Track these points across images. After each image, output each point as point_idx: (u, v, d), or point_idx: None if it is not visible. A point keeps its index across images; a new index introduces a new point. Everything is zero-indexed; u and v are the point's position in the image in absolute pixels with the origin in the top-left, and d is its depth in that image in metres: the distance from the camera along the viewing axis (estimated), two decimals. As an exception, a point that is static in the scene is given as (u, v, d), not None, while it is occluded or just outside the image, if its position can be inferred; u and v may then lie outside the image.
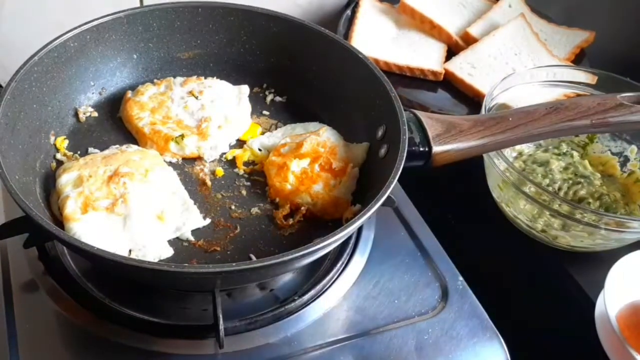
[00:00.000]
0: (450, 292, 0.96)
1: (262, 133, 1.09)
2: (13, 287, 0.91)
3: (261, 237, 0.93)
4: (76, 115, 1.06)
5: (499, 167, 1.06)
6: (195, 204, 0.95)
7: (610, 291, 0.93)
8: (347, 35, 1.42)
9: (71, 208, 0.87)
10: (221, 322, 0.83)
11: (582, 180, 1.14)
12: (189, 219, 0.92)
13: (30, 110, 0.95)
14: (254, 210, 0.97)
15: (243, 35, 1.14)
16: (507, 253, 1.20)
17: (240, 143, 1.08)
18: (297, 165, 0.98)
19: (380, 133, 0.99)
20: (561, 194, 1.12)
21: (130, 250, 0.87)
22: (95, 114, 1.08)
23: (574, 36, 1.48)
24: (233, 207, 0.97)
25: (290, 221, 0.95)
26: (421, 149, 0.91)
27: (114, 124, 1.07)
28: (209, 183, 1.00)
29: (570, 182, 1.14)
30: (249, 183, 1.01)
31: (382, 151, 0.97)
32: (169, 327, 0.87)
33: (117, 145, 1.02)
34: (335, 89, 1.09)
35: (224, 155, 1.05)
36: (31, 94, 0.95)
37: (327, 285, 0.95)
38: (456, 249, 1.01)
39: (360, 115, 1.05)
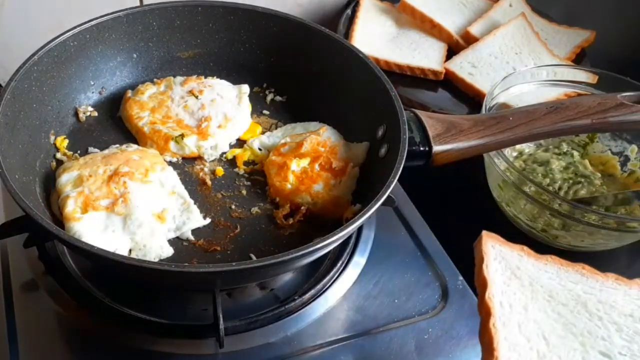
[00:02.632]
0: (450, 292, 0.96)
1: (262, 132, 1.09)
2: (13, 287, 0.91)
3: (261, 236, 0.93)
4: (76, 114, 1.06)
5: (499, 167, 1.06)
6: (195, 203, 0.95)
7: None
8: (347, 34, 1.41)
9: (71, 207, 0.87)
10: (221, 321, 0.83)
11: (582, 179, 1.14)
12: (189, 219, 0.92)
13: (30, 110, 0.95)
14: (254, 209, 0.97)
15: (243, 35, 1.14)
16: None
17: (240, 142, 1.08)
18: (297, 165, 0.98)
19: (380, 132, 0.99)
20: (561, 193, 1.12)
21: (130, 250, 0.87)
22: (95, 114, 1.08)
23: (574, 36, 1.48)
24: (233, 206, 0.97)
25: (291, 221, 0.95)
26: (421, 148, 0.91)
27: (113, 124, 1.07)
28: (209, 182, 1.00)
29: (571, 181, 1.14)
30: (249, 183, 1.01)
31: (383, 151, 0.97)
32: (169, 327, 0.87)
33: (117, 145, 1.02)
34: (335, 88, 1.09)
35: (224, 155, 1.05)
36: (31, 93, 0.95)
37: (327, 285, 0.95)
38: (456, 249, 1.01)
39: (360, 114, 1.05)
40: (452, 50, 1.43)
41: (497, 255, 0.59)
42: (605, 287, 0.61)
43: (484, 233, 0.60)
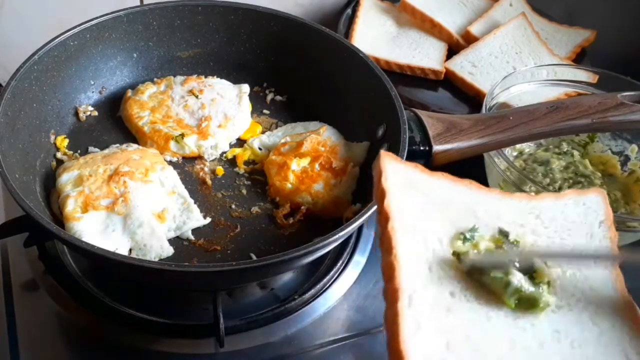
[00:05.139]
0: (450, 292, 0.95)
1: (263, 132, 1.09)
2: (13, 287, 0.91)
3: (261, 236, 0.93)
4: (76, 114, 1.06)
5: (499, 166, 1.06)
6: (195, 203, 0.95)
7: None
8: (347, 34, 1.41)
9: (71, 207, 0.88)
10: (221, 321, 0.83)
11: (582, 179, 1.13)
12: (190, 218, 0.92)
13: (30, 109, 0.95)
14: (254, 209, 0.97)
15: (243, 34, 1.14)
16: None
17: (240, 142, 1.08)
18: (297, 165, 0.98)
19: (380, 132, 0.99)
20: (562, 193, 1.12)
21: (130, 250, 0.87)
22: (96, 113, 1.08)
23: (575, 35, 1.48)
24: (233, 206, 0.97)
25: (291, 220, 0.95)
26: (421, 148, 0.91)
27: (114, 123, 1.07)
28: (209, 182, 1.00)
29: (571, 181, 1.13)
30: (249, 182, 1.01)
31: (383, 150, 0.96)
32: (169, 327, 0.87)
33: (117, 145, 1.02)
34: (335, 88, 1.09)
35: (224, 155, 1.05)
36: (31, 93, 0.95)
37: (328, 285, 0.95)
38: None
39: (360, 114, 1.05)
40: (453, 49, 1.43)
41: (394, 170, 0.64)
42: (491, 199, 0.68)
43: (382, 152, 0.64)
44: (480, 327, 0.58)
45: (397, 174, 0.63)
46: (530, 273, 0.61)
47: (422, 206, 0.63)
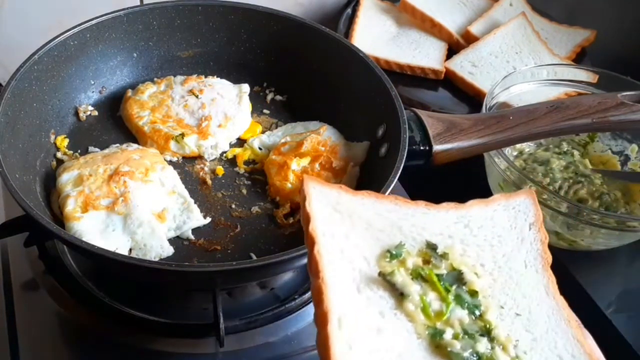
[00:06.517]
0: (450, 291, 0.95)
1: (263, 132, 1.09)
2: (13, 286, 0.91)
3: (261, 236, 0.93)
4: (76, 114, 1.06)
5: (499, 166, 1.06)
6: (195, 202, 0.95)
7: None
8: (347, 33, 1.41)
9: (71, 207, 0.88)
10: (222, 320, 0.83)
11: (582, 179, 1.13)
12: (190, 218, 0.92)
13: (31, 109, 0.95)
14: (255, 209, 0.97)
15: (243, 34, 1.14)
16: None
17: (240, 142, 1.08)
18: (297, 164, 0.98)
19: (380, 132, 0.99)
20: (562, 193, 1.12)
21: (130, 249, 0.87)
22: (96, 113, 1.08)
23: (575, 35, 1.48)
24: (233, 206, 0.97)
25: (291, 220, 0.95)
26: (422, 147, 0.91)
27: (114, 123, 1.08)
28: (209, 182, 1.00)
29: (571, 181, 1.13)
30: (249, 182, 1.01)
31: (383, 150, 0.97)
32: (169, 326, 0.87)
33: (118, 144, 1.02)
34: (335, 87, 1.09)
35: (224, 154, 1.05)
36: (31, 92, 0.95)
37: (328, 284, 0.95)
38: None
39: (360, 114, 1.05)
40: (453, 49, 1.43)
41: (318, 194, 0.64)
42: (417, 212, 0.67)
43: (305, 177, 0.64)
44: (412, 345, 0.57)
45: (321, 197, 0.63)
46: (461, 283, 0.60)
47: (347, 227, 0.63)
